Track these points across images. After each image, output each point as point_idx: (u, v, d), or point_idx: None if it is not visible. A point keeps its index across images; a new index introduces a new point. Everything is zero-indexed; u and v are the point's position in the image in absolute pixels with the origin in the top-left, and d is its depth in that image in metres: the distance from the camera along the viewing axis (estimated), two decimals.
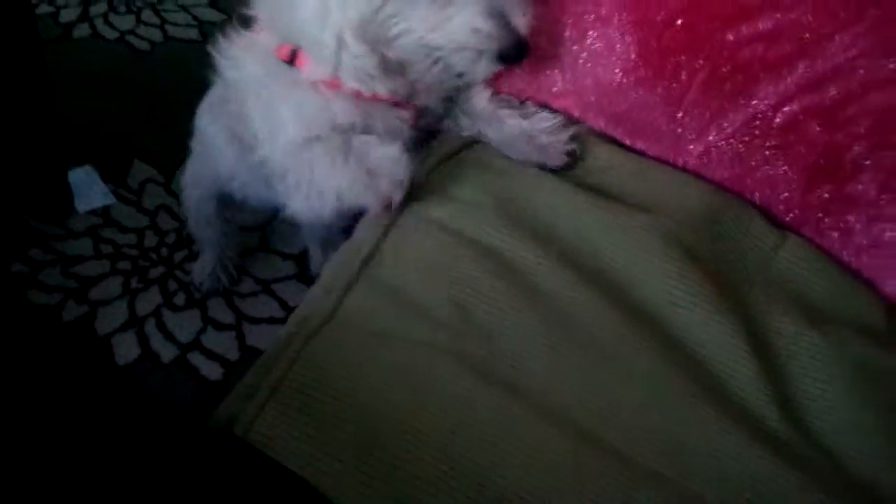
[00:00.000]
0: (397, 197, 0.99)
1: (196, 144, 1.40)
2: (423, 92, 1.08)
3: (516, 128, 1.12)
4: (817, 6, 0.98)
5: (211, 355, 1.55)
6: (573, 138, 1.11)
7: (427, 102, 1.11)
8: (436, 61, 0.99)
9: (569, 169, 1.10)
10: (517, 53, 0.98)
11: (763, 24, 1.00)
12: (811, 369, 0.93)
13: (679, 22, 1.02)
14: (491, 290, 0.95)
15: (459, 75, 1.02)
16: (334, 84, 1.02)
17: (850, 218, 1.03)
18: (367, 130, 1.06)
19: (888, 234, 1.01)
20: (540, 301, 0.95)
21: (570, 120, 1.13)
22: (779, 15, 0.99)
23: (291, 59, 1.03)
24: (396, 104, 1.06)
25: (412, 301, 0.95)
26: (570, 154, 1.10)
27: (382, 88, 1.02)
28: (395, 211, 1.02)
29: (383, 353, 0.90)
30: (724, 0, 1.00)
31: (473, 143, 1.13)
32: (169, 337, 1.57)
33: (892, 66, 0.96)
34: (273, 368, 0.91)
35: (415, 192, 1.03)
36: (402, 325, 0.92)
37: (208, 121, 1.33)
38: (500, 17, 0.96)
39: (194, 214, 1.52)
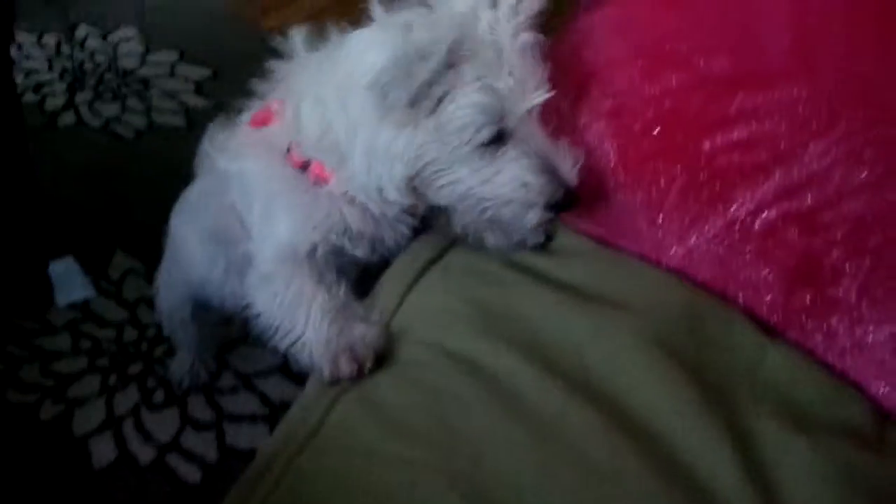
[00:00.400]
0: (347, 375, 0.97)
1: (168, 246, 1.39)
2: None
3: None
4: (791, 116, 1.00)
5: (189, 456, 1.52)
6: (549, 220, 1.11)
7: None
8: (483, 211, 1.01)
9: (545, 245, 1.12)
10: (567, 203, 1.00)
11: (738, 134, 1.01)
12: (799, 477, 0.91)
13: (656, 131, 1.04)
14: (476, 404, 0.94)
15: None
16: (352, 197, 1.03)
17: (833, 321, 1.02)
18: (362, 234, 1.07)
19: (871, 337, 1.01)
20: (526, 414, 0.93)
21: None
22: (754, 124, 1.01)
23: (304, 166, 1.04)
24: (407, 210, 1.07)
25: (396, 417, 0.93)
26: (547, 231, 1.12)
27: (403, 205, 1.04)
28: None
29: (368, 473, 0.88)
30: (699, 110, 1.03)
31: (450, 246, 1.13)
32: (147, 438, 1.54)
33: (864, 174, 0.98)
34: (256, 488, 0.88)
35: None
36: (386, 444, 0.91)
37: (182, 221, 1.32)
38: (550, 172, 0.98)
39: (167, 319, 1.50)
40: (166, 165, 1.41)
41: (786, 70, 1.01)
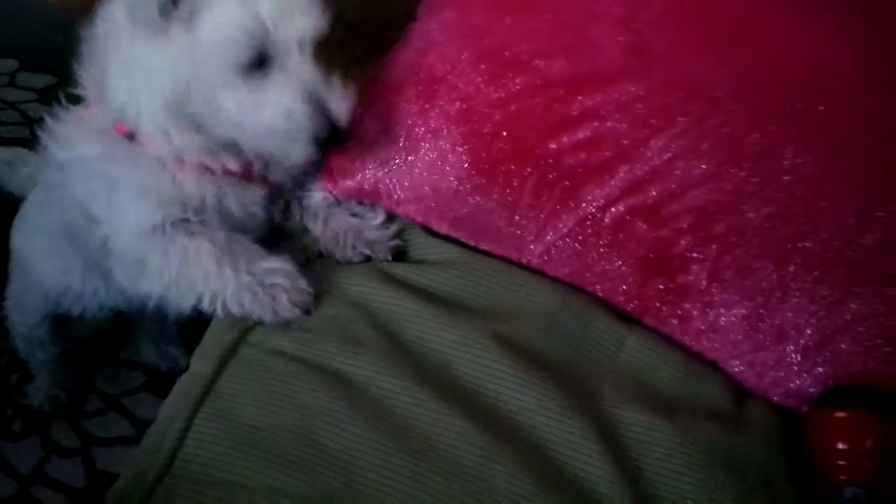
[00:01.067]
0: (287, 316, 0.98)
1: (14, 267, 1.32)
2: (272, 167, 1.06)
3: (344, 224, 1.13)
4: (630, 115, 1.02)
5: (56, 486, 1.45)
6: (398, 233, 1.13)
7: (281, 179, 1.10)
8: (253, 144, 0.97)
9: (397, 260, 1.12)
10: (333, 139, 0.96)
11: (582, 133, 1.03)
12: (665, 460, 0.95)
13: (504, 133, 1.05)
14: (344, 418, 0.93)
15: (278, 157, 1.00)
16: (180, 159, 0.99)
17: (687, 306, 1.06)
18: (220, 210, 1.04)
19: (723, 319, 1.05)
20: (397, 427, 0.93)
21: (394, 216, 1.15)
22: (596, 124, 1.03)
23: (132, 136, 1.00)
24: (249, 179, 1.04)
25: (258, 440, 0.91)
26: (394, 249, 1.12)
27: (230, 161, 1.01)
28: (230, 342, 0.99)
29: None
30: (543, 112, 1.04)
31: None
32: (7, 471, 1.46)
33: (704, 166, 1.01)
34: None
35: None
36: (247, 471, 0.88)
37: (24, 234, 1.26)
38: (316, 102, 0.95)
39: (23, 343, 1.43)
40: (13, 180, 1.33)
41: (621, 70, 1.03)
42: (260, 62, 0.93)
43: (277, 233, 1.16)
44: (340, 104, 0.96)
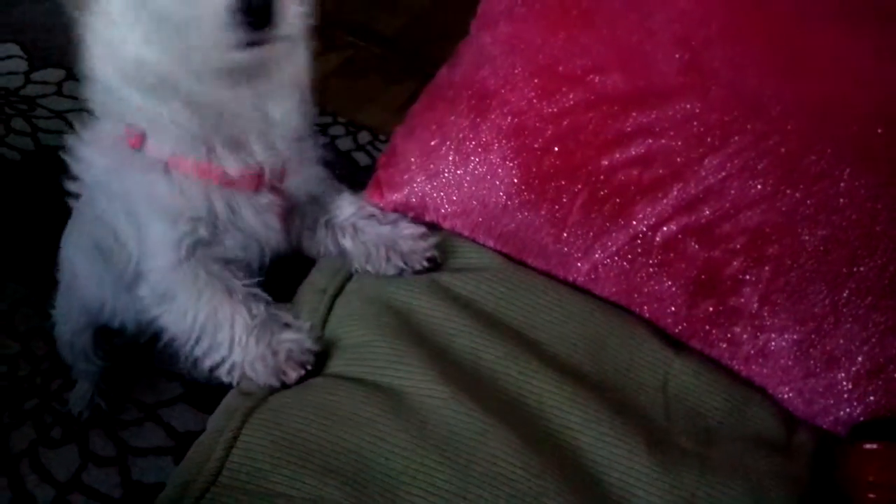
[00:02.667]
0: (293, 379, 0.99)
1: (62, 274, 1.33)
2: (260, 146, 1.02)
3: (375, 236, 1.11)
4: (685, 132, 1.01)
5: (93, 494, 1.45)
6: (435, 245, 1.11)
7: (293, 190, 1.09)
8: (188, 51, 0.90)
9: (432, 271, 1.10)
10: (255, 9, 0.86)
11: (636, 150, 1.02)
12: (718, 487, 0.92)
13: (556, 149, 1.04)
14: (390, 431, 0.92)
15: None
16: (181, 163, 0.98)
17: (737, 329, 1.04)
18: (234, 221, 1.03)
19: (773, 344, 1.03)
20: (443, 440, 0.92)
21: (433, 228, 1.14)
22: (650, 141, 1.02)
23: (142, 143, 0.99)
24: (256, 187, 1.03)
25: (304, 451, 0.90)
26: (430, 260, 1.10)
27: (227, 160, 0.99)
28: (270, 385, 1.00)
29: None
30: (596, 128, 1.03)
31: (350, 276, 1.12)
32: (45, 477, 1.46)
33: (759, 186, 1.00)
34: None
35: None
36: (293, 482, 0.87)
37: (68, 242, 1.27)
38: None
39: (68, 351, 1.44)
40: (55, 187, 1.34)
41: (678, 87, 1.02)
42: None
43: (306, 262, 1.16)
44: None
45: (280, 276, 1.14)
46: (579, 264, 1.09)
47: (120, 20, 0.93)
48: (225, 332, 1.00)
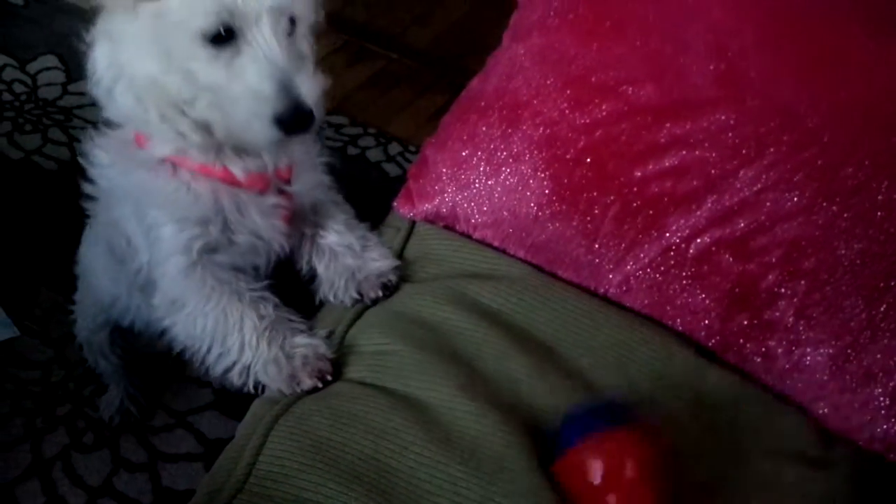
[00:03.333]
0: (308, 387, 0.99)
1: (79, 272, 1.36)
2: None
3: (343, 267, 1.12)
4: (720, 144, 1.01)
5: (123, 500, 1.46)
6: (393, 269, 1.12)
7: (298, 193, 1.09)
8: (217, 115, 0.96)
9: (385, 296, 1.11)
10: (296, 122, 0.93)
11: (669, 161, 1.02)
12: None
13: (588, 160, 1.04)
14: (415, 441, 0.92)
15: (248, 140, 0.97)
16: (186, 162, 1.00)
17: (771, 343, 1.03)
18: (238, 222, 1.04)
19: (808, 358, 1.01)
20: (466, 450, 0.91)
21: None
22: (684, 152, 1.01)
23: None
24: (263, 188, 1.04)
25: (330, 459, 0.90)
26: (385, 286, 1.11)
27: (231, 162, 1.01)
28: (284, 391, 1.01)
29: None
30: (629, 139, 1.03)
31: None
32: (77, 482, 1.48)
33: (795, 198, 0.99)
34: None
35: None
36: (320, 488, 0.88)
37: (86, 242, 1.30)
38: (282, 81, 0.92)
39: (87, 348, 1.46)
40: None
41: (712, 98, 1.02)
42: (227, 35, 0.92)
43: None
44: (307, 86, 0.94)
45: (289, 283, 1.15)
46: (611, 276, 1.08)
47: (140, 48, 0.95)
48: (234, 336, 1.01)
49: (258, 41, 0.92)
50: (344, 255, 1.12)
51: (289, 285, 1.14)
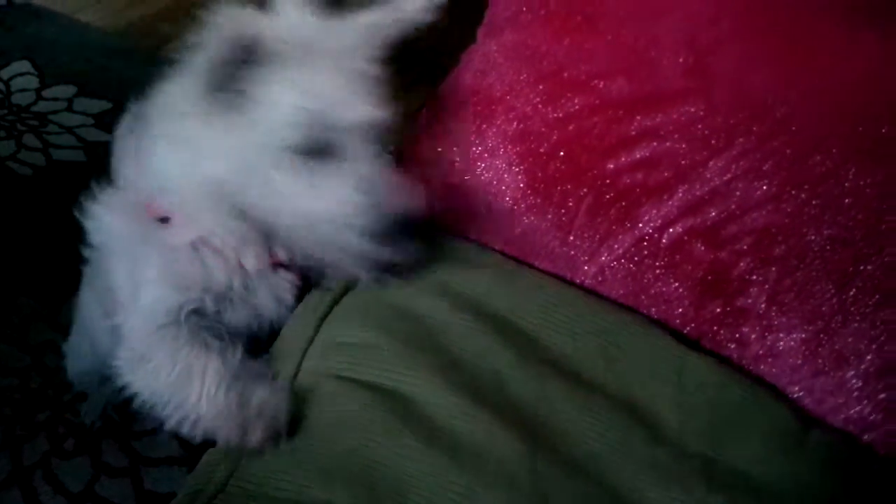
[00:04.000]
0: (257, 441, 0.93)
1: (78, 310, 1.32)
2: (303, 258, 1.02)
3: None
4: (690, 135, 1.02)
5: None
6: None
7: (311, 265, 1.05)
8: (305, 232, 0.94)
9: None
10: (389, 231, 0.91)
11: (640, 153, 1.03)
12: (734, 488, 0.92)
13: (561, 153, 1.05)
14: (399, 435, 0.92)
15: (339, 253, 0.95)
16: (210, 244, 0.98)
17: (745, 330, 1.04)
18: (246, 299, 1.01)
19: (781, 343, 1.03)
20: (450, 442, 0.92)
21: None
22: (655, 144, 1.03)
23: (165, 219, 0.98)
24: (278, 265, 1.01)
25: (312, 457, 0.91)
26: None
27: (262, 252, 0.99)
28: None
29: None
30: (601, 132, 1.04)
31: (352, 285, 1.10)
32: (58, 489, 1.47)
33: (765, 187, 1.00)
34: None
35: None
36: (302, 487, 0.88)
37: (84, 285, 1.25)
38: (374, 194, 0.91)
39: (77, 384, 1.44)
40: (67, 202, 1.36)
41: (682, 90, 1.03)
42: (319, 149, 0.90)
43: None
44: (398, 196, 0.92)
45: None
46: (586, 267, 1.09)
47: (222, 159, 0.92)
48: (195, 385, 0.95)
49: (352, 154, 0.90)
50: None
51: None
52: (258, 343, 1.07)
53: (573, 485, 0.90)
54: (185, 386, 0.95)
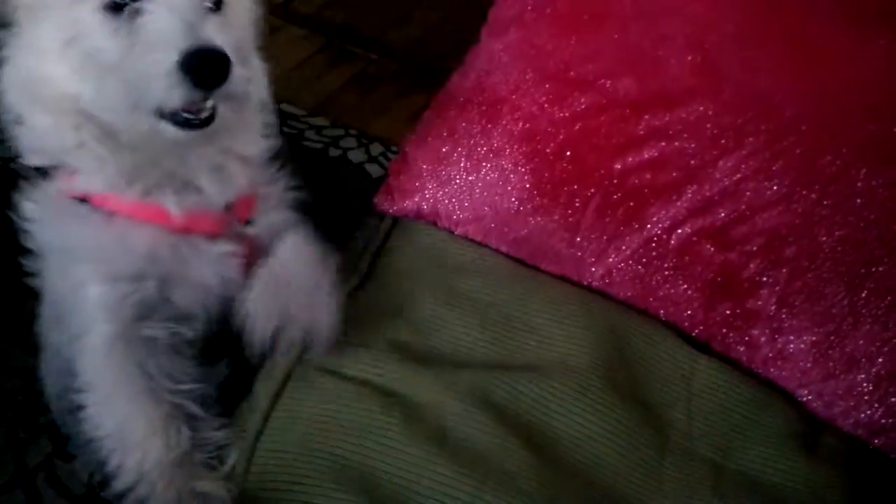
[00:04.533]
0: None
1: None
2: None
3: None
4: (699, 134, 1.01)
5: None
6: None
7: (261, 237, 0.96)
8: (133, 99, 0.83)
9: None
10: (207, 66, 0.81)
11: (649, 153, 1.02)
12: (739, 493, 0.91)
13: (568, 153, 1.04)
14: (401, 440, 0.91)
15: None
16: (118, 204, 0.89)
17: (755, 332, 1.03)
18: (180, 276, 0.92)
19: (791, 346, 1.02)
20: (455, 449, 0.91)
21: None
22: (663, 143, 1.02)
23: (84, 199, 0.90)
24: (212, 234, 0.92)
25: (313, 464, 0.89)
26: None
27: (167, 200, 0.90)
28: (289, 363, 0.94)
29: None
30: (608, 132, 1.03)
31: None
32: (62, 491, 1.46)
33: (775, 187, 1.00)
34: None
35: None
36: (302, 496, 0.87)
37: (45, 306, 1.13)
38: (184, 23, 0.81)
39: (56, 411, 1.31)
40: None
41: (690, 89, 1.03)
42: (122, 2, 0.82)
43: None
44: (217, 33, 0.82)
45: None
46: (593, 269, 1.08)
47: (47, 53, 0.87)
48: (133, 459, 0.88)
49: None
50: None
51: None
52: (222, 335, 0.97)
53: (583, 489, 0.89)
54: (123, 450, 0.89)
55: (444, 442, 0.91)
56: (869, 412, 0.99)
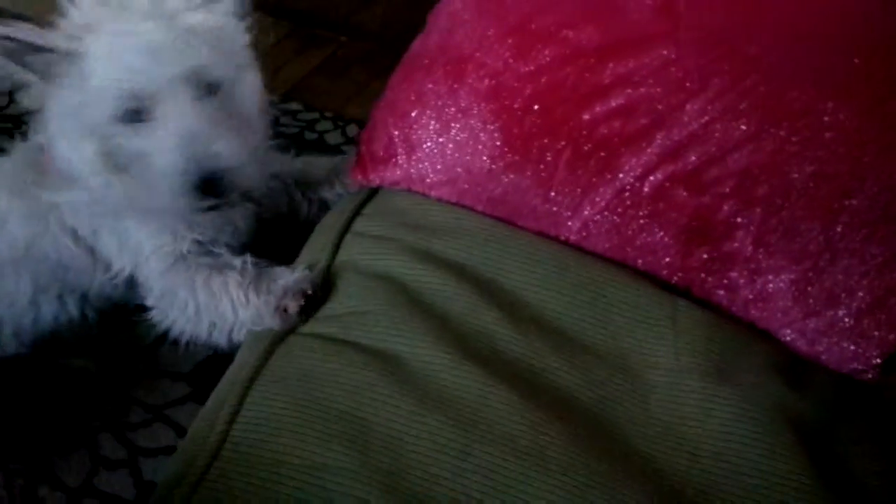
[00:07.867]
0: (295, 310, 1.01)
1: None
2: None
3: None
4: (664, 79, 1.00)
5: (105, 498, 1.44)
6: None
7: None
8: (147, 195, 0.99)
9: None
10: (215, 186, 0.95)
11: (615, 101, 1.02)
12: (729, 425, 0.92)
13: (536, 107, 1.04)
14: (392, 394, 0.91)
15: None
16: None
17: (733, 275, 1.04)
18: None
19: (770, 286, 1.02)
20: (444, 401, 0.91)
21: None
22: (629, 90, 1.01)
23: None
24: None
25: (304, 419, 0.90)
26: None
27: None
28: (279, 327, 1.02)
29: (276, 487, 0.85)
30: (575, 82, 1.02)
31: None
32: (56, 485, 1.46)
33: (743, 127, 0.99)
34: None
35: None
36: (295, 450, 0.87)
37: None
38: (197, 147, 0.93)
39: None
40: None
41: (651, 34, 1.01)
42: (138, 111, 0.93)
43: None
44: (225, 148, 0.94)
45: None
46: (570, 223, 1.08)
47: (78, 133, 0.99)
48: (224, 301, 1.04)
49: (168, 112, 0.93)
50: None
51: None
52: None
53: (568, 432, 0.90)
54: (216, 305, 1.05)
55: (432, 392, 0.92)
56: (853, 346, 1.00)
